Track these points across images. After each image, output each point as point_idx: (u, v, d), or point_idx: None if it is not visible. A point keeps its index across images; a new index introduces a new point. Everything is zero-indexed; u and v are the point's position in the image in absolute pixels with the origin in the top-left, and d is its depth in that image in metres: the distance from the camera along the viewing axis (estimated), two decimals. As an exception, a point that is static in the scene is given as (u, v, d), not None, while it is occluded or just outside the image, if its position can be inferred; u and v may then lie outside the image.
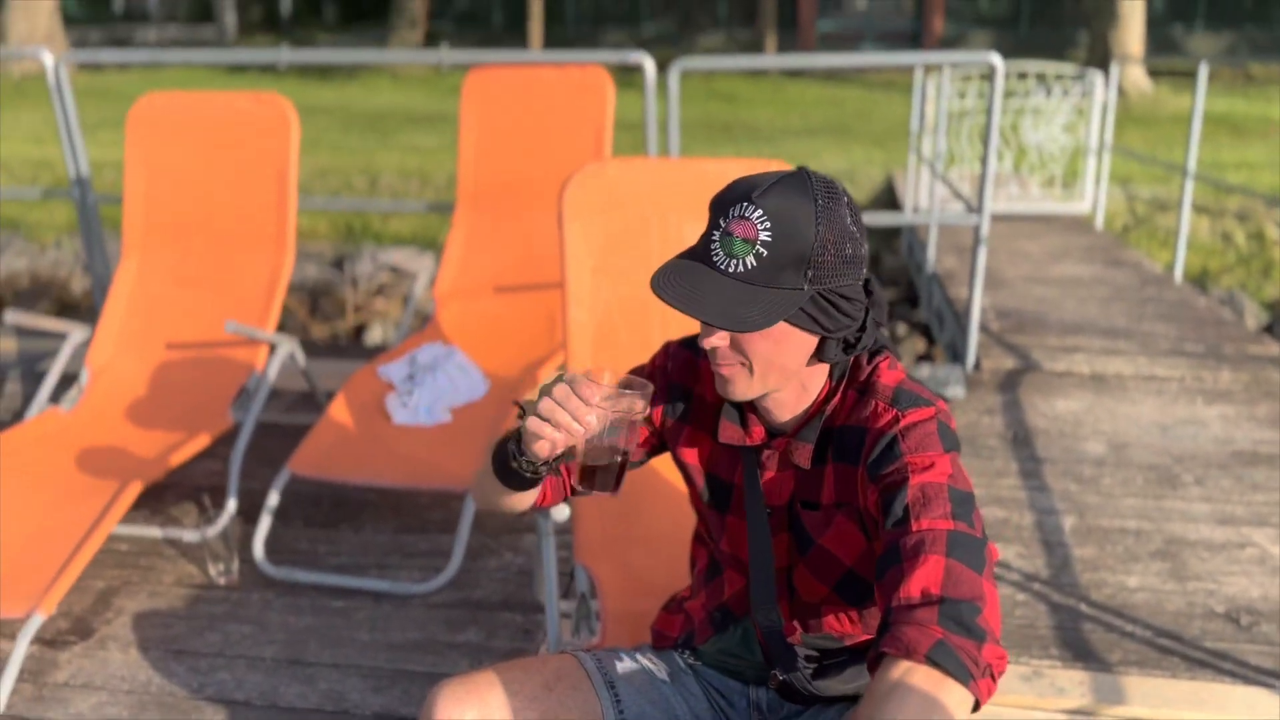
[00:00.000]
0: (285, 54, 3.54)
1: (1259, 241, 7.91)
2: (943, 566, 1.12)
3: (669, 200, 2.16)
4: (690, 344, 1.47)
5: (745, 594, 1.46)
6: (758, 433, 1.35)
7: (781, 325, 1.20)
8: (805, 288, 1.17)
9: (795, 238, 1.15)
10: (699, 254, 1.21)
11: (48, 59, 3.64)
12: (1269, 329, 6.47)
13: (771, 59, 3.42)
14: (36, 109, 13.39)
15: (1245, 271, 7.34)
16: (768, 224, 1.15)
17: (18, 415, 3.55)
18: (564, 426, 1.20)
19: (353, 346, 4.92)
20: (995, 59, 3.34)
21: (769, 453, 1.36)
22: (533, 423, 1.21)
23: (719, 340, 1.23)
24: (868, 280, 1.29)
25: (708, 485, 1.44)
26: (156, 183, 3.21)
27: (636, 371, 1.50)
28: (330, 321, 7.81)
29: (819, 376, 1.30)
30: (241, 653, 2.27)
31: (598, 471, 1.25)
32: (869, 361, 1.31)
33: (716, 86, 16.40)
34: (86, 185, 3.83)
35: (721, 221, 1.18)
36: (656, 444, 1.50)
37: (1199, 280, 7.10)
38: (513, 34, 21.26)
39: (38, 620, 2.12)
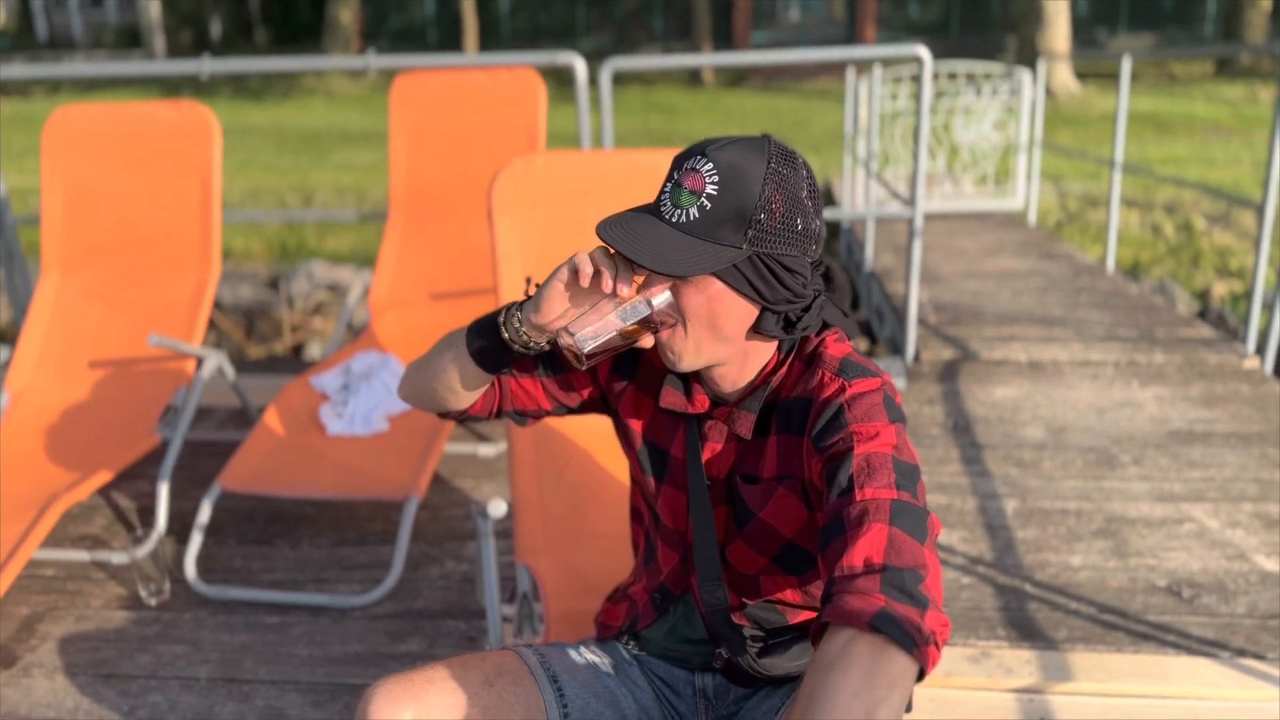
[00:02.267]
0: (207, 64, 3.46)
1: (1187, 232, 8.10)
2: (885, 535, 1.10)
3: (601, 192, 2.13)
4: None
5: (680, 571, 1.44)
6: (701, 401, 1.34)
7: (716, 285, 1.18)
8: (743, 247, 1.16)
9: (739, 194, 1.15)
10: (650, 206, 1.21)
11: (-43, 75, 3.52)
12: (1200, 315, 6.62)
13: (703, 58, 3.41)
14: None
15: (1175, 262, 7.50)
16: (716, 177, 1.15)
17: (-64, 444, 3.42)
18: (605, 277, 1.17)
19: (285, 361, 4.82)
20: (921, 51, 3.37)
21: (711, 423, 1.34)
22: (580, 259, 1.18)
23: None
24: (828, 268, 1.28)
25: (646, 451, 1.42)
26: (75, 197, 3.12)
27: None
28: (267, 343, 7.67)
29: (764, 350, 1.28)
30: (174, 673, 2.19)
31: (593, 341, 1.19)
32: (817, 335, 1.30)
33: (654, 98, 16.47)
34: (4, 205, 3.72)
35: (675, 174, 1.18)
36: (598, 398, 1.47)
37: (1131, 271, 7.24)
38: (448, 52, 21.20)
39: (-46, 649, 2.03)
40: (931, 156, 8.15)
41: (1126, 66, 5.02)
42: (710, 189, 1.15)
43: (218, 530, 2.78)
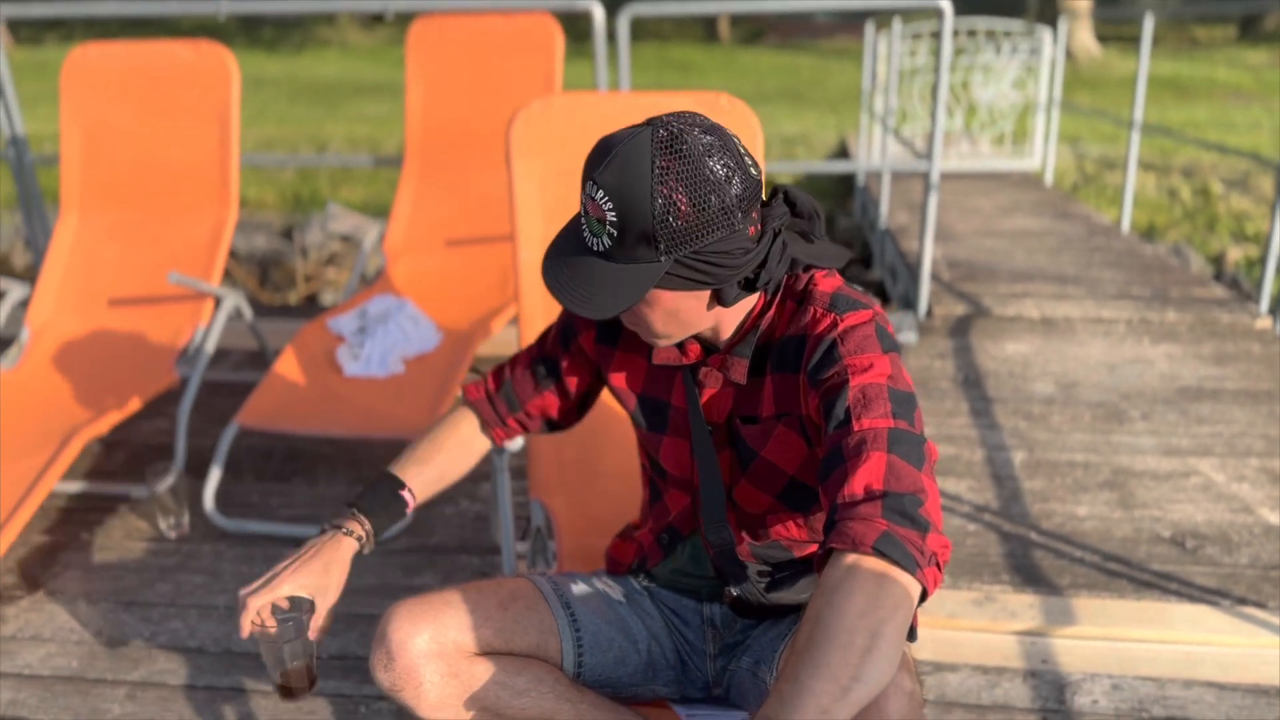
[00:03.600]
0: (225, 5, 3.46)
1: (1204, 197, 8.05)
2: (884, 462, 1.12)
3: (617, 135, 2.14)
4: None
5: (689, 512, 1.47)
6: (694, 351, 1.35)
7: (661, 294, 1.18)
8: (662, 259, 1.14)
9: (635, 213, 1.11)
10: (574, 230, 1.20)
11: (-23, 14, 3.54)
12: (1215, 279, 6.60)
13: (725, 4, 3.40)
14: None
15: (1191, 226, 7.46)
16: (609, 203, 1.12)
17: (-43, 380, 3.47)
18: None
19: (302, 306, 4.86)
20: (943, 2, 3.34)
21: (706, 370, 1.35)
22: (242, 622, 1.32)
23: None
24: (786, 193, 1.25)
25: (642, 407, 1.44)
26: (93, 136, 3.13)
27: None
28: (281, 292, 7.71)
29: (741, 305, 1.28)
30: (194, 602, 2.24)
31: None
32: (805, 272, 1.30)
33: (670, 55, 16.33)
34: (23, 145, 3.74)
35: (584, 198, 1.16)
36: (592, 377, 1.52)
37: (1146, 234, 7.21)
38: None
39: (-19, 572, 2.08)
40: (949, 115, 8.09)
41: (1149, 24, 4.97)
42: (610, 216, 1.12)
43: (236, 467, 2.82)
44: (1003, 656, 2.02)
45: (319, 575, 1.36)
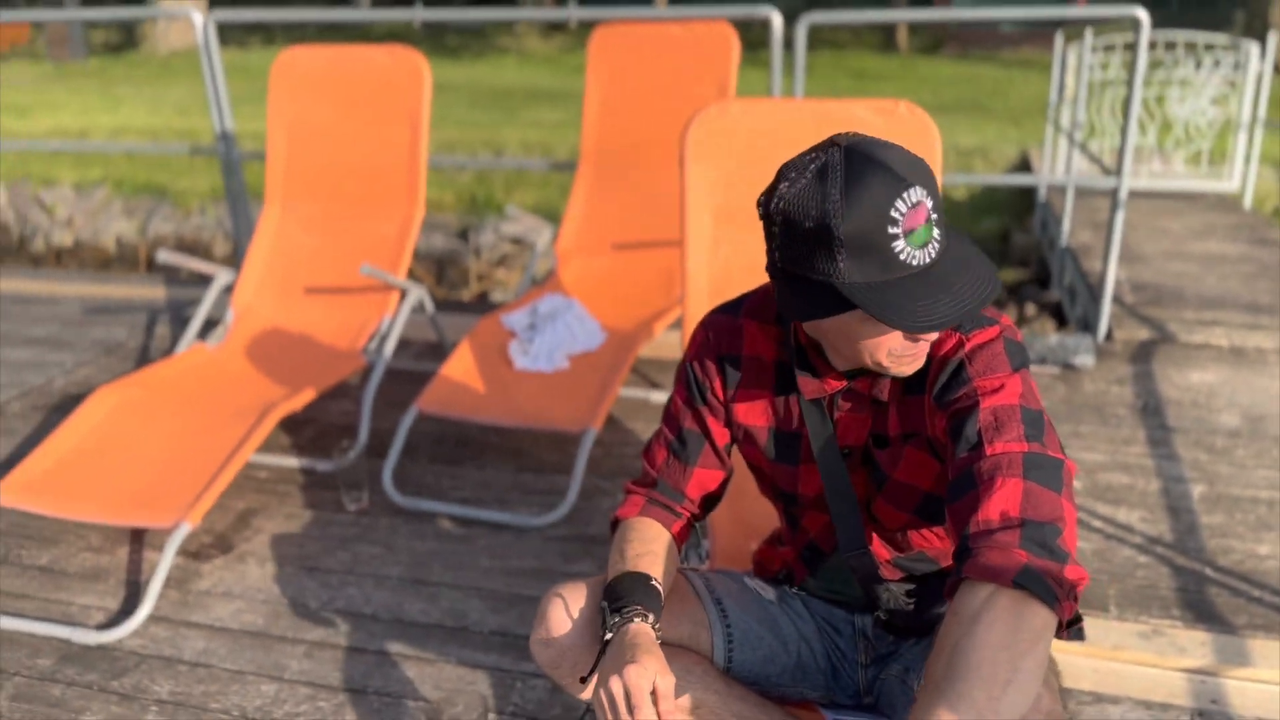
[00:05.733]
0: (420, 12, 3.67)
1: None
2: (1021, 489, 1.10)
3: (793, 142, 2.15)
4: (727, 309, 1.45)
5: (829, 530, 1.46)
6: (832, 381, 1.33)
7: None
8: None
9: (937, 195, 1.12)
10: (901, 267, 1.11)
11: (197, 17, 3.85)
12: None
13: (906, 13, 3.37)
14: (183, 85, 14.10)
15: None
16: (930, 199, 1.11)
17: (167, 354, 3.78)
18: None
19: (477, 303, 5.07)
20: (1139, 11, 3.22)
21: (848, 394, 1.34)
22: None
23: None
24: None
25: (775, 441, 1.42)
26: (297, 134, 3.37)
27: (684, 361, 1.48)
28: (455, 289, 8.05)
29: None
30: (369, 571, 2.39)
31: None
32: None
33: (846, 63, 16.12)
34: (231, 141, 4.04)
35: (890, 230, 1.09)
36: (732, 429, 1.47)
37: (1356, 264, 6.68)
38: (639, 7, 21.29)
39: (184, 530, 2.27)
40: (1141, 131, 7.70)
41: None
42: (933, 214, 1.11)
43: (412, 449, 2.98)
44: (1168, 693, 1.94)
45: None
